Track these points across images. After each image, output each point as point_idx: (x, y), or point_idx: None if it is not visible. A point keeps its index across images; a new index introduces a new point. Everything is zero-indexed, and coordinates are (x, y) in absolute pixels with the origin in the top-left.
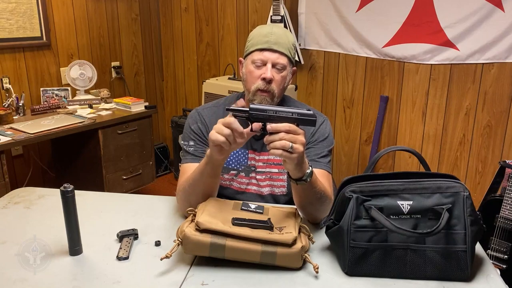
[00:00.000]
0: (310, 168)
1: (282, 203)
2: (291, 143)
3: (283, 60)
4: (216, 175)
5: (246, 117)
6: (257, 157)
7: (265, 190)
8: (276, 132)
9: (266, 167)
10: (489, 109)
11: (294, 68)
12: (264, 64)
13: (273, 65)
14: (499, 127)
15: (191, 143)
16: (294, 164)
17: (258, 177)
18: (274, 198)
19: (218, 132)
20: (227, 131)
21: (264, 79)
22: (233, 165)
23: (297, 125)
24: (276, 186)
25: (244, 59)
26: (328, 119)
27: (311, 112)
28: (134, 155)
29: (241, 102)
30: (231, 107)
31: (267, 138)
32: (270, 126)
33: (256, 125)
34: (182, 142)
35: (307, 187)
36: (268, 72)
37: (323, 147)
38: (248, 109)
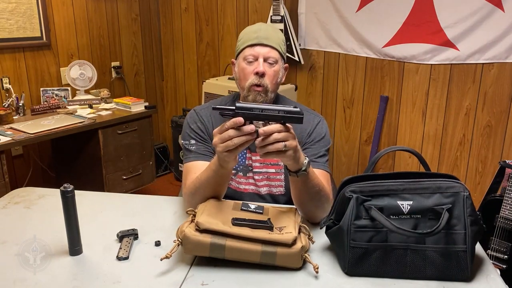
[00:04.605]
0: (307, 158)
1: (282, 203)
2: (284, 143)
3: (274, 54)
4: (228, 180)
5: (233, 116)
6: (253, 157)
7: (263, 190)
8: (268, 135)
9: (263, 167)
10: (489, 109)
11: (286, 64)
12: (256, 59)
13: (265, 60)
14: (499, 127)
15: (193, 141)
16: (291, 159)
17: (255, 177)
18: (273, 198)
19: (224, 140)
20: (232, 132)
21: (257, 73)
22: None
23: (284, 123)
24: (274, 186)
25: (236, 59)
26: (324, 119)
27: (298, 109)
28: (134, 155)
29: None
30: (217, 106)
31: (259, 141)
32: (262, 130)
33: (247, 128)
34: (182, 141)
35: (306, 179)
36: (260, 66)
37: (320, 147)
38: (234, 107)
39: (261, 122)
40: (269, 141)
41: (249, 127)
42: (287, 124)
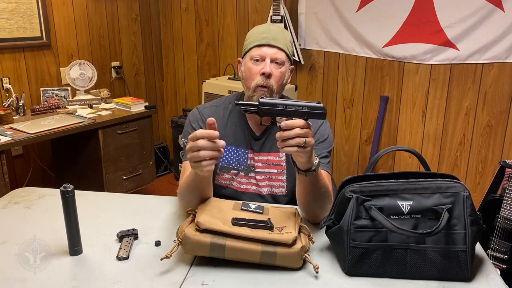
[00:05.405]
0: (317, 159)
1: (283, 204)
2: (304, 139)
3: (281, 56)
4: (208, 184)
5: (256, 112)
6: (256, 158)
7: (264, 190)
8: (290, 128)
9: (265, 168)
10: (489, 109)
11: (292, 66)
12: (263, 59)
13: (272, 61)
14: (499, 127)
15: None
16: (307, 156)
17: (257, 177)
18: (274, 198)
19: (193, 150)
20: (202, 142)
21: (263, 74)
22: (233, 164)
23: (306, 119)
24: (276, 186)
25: (242, 58)
26: (327, 121)
27: (321, 105)
28: (134, 155)
29: (211, 120)
30: (240, 102)
31: (280, 134)
32: (284, 124)
33: (220, 142)
34: (183, 139)
35: (314, 179)
36: (267, 66)
37: (322, 148)
38: (257, 103)
39: (284, 118)
40: (290, 135)
41: (221, 142)
42: (308, 122)
